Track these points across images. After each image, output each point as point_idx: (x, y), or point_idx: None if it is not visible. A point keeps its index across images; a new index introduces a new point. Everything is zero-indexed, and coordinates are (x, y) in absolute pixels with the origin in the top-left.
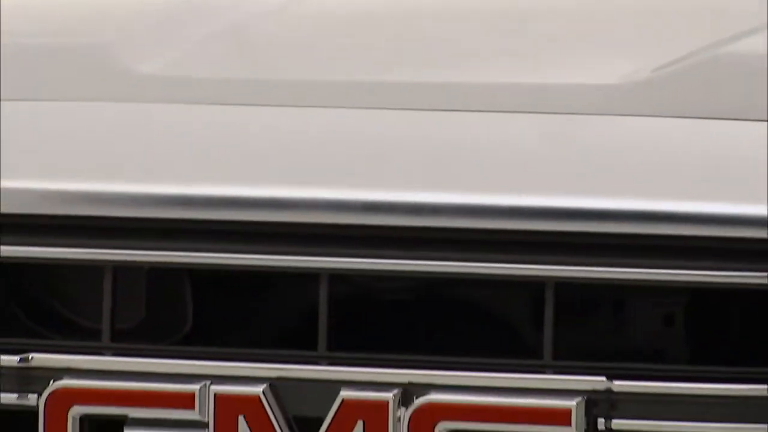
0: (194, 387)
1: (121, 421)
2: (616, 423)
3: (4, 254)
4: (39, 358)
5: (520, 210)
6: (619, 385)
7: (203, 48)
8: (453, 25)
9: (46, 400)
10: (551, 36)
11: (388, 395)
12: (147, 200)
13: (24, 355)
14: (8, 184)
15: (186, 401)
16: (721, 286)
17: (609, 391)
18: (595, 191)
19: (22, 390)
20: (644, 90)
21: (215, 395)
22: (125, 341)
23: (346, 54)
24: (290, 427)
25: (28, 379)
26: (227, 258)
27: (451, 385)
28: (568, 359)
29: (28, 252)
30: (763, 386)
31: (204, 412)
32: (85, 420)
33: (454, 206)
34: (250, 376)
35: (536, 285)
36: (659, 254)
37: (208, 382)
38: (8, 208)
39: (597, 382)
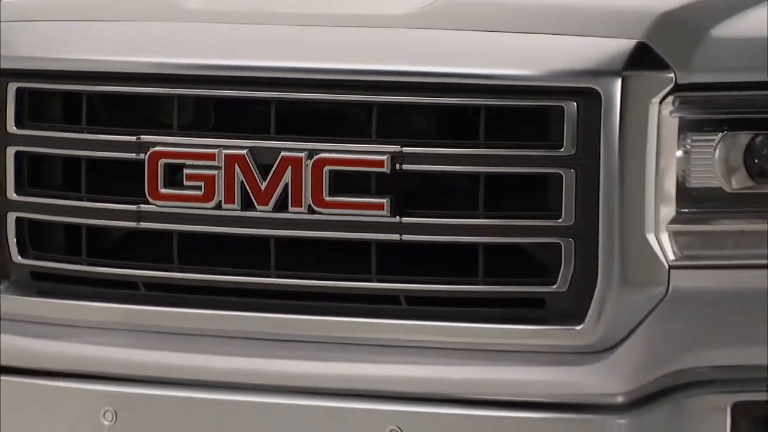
0: (214, 150)
1: (182, 166)
2: (405, 167)
3: (121, 91)
4: (144, 138)
5: (365, 71)
6: (407, 149)
7: None
8: None
9: (148, 156)
10: None
11: (301, 154)
12: (190, 66)
13: (138, 136)
14: (129, 58)
15: (210, 157)
16: (456, 104)
17: (401, 151)
18: (390, 62)
19: (137, 152)
20: (423, 14)
21: (224, 154)
22: (185, 129)
23: (274, 2)
24: (258, 170)
25: (140, 147)
26: (227, 93)
27: (329, 149)
28: (384, 137)
29: (137, 91)
30: (494, 150)
31: (219, 162)
32: (168, 167)
33: (330, 69)
34: (239, 146)
35: (368, 105)
36: (431, 90)
37: (221, 148)
38: (117, 69)
39: (395, 148)
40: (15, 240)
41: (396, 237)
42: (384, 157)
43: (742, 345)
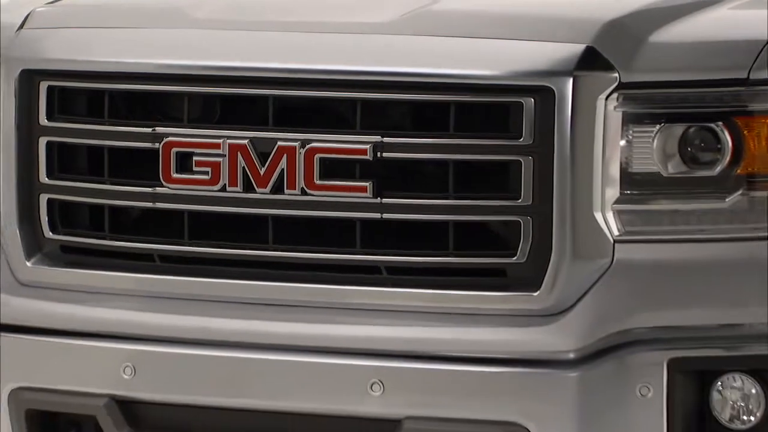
0: (219, 140)
1: (191, 154)
2: (385, 155)
3: (138, 89)
4: (159, 129)
5: (350, 71)
6: (387, 139)
7: (225, 6)
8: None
9: (162, 145)
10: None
11: (295, 143)
12: (198, 67)
13: (153, 128)
14: (145, 60)
15: (216, 146)
16: (430, 102)
17: (382, 141)
18: (373, 64)
19: (153, 141)
20: (402, 22)
21: (228, 144)
22: (194, 122)
23: (271, 12)
24: (258, 157)
25: (155, 137)
26: (230, 90)
27: (319, 139)
28: (367, 128)
29: (152, 89)
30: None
31: (224, 150)
32: (179, 155)
33: (327, 70)
34: (241, 137)
35: (353, 101)
36: (408, 88)
37: (225, 138)
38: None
39: (377, 138)
40: (46, 218)
41: (377, 215)
42: (367, 146)
43: (677, 309)
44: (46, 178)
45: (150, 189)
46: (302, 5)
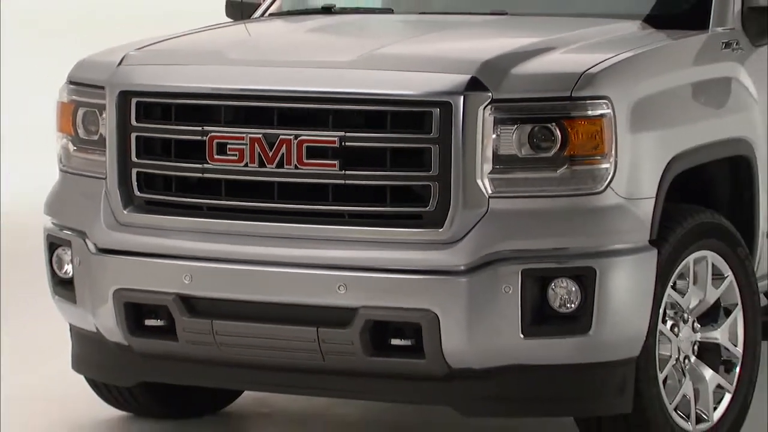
0: (243, 135)
1: (226, 143)
2: (348, 144)
3: (193, 103)
4: (206, 128)
5: (326, 92)
6: (349, 135)
7: (248, 50)
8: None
9: (207, 138)
10: (334, 46)
11: (291, 136)
12: (230, 89)
13: (202, 127)
14: (198, 84)
15: (242, 138)
16: (383, 115)
17: (345, 135)
18: (340, 87)
19: (202, 135)
20: (358, 61)
21: (249, 137)
22: (228, 123)
23: (276, 54)
24: (267, 145)
25: (203, 133)
26: (251, 104)
27: (306, 134)
28: (336, 127)
29: (202, 103)
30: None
31: (246, 141)
32: (218, 144)
33: (311, 91)
34: (257, 132)
35: (328, 110)
36: (362, 102)
37: (247, 134)
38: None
39: (342, 133)
40: (135, 183)
41: (342, 181)
42: (336, 138)
43: (527, 239)
44: (135, 158)
45: (200, 165)
46: (295, 49)
